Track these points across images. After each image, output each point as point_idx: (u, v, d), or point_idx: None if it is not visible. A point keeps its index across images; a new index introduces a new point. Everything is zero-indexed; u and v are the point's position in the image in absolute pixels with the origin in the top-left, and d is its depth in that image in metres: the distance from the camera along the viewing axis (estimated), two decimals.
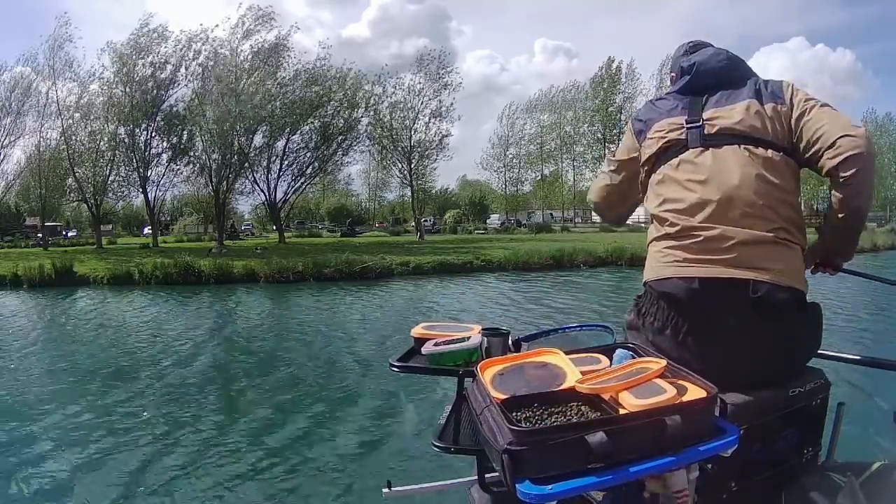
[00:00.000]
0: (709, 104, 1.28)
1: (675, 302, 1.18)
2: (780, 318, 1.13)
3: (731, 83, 1.29)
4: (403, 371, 1.27)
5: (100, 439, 4.59)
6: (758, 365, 1.13)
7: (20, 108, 27.87)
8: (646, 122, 1.36)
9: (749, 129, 1.21)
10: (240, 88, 27.59)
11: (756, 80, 1.29)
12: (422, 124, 33.67)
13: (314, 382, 6.33)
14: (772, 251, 1.14)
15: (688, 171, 1.23)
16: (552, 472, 0.76)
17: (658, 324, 1.20)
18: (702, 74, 1.32)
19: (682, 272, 1.17)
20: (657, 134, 1.31)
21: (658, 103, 1.38)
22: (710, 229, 1.16)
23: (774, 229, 1.15)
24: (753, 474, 1.12)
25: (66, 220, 44.38)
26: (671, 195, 1.24)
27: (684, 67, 1.36)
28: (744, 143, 1.20)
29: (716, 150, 1.21)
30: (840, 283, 13.58)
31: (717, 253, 1.14)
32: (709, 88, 1.30)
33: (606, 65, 42.75)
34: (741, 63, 1.35)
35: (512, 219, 47.97)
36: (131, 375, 6.70)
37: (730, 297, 1.12)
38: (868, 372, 1.44)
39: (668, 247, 1.21)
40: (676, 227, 1.21)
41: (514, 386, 0.93)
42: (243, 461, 4.15)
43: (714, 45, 1.43)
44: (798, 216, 1.21)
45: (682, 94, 1.34)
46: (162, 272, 17.67)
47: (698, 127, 1.25)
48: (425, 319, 1.63)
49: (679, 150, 1.26)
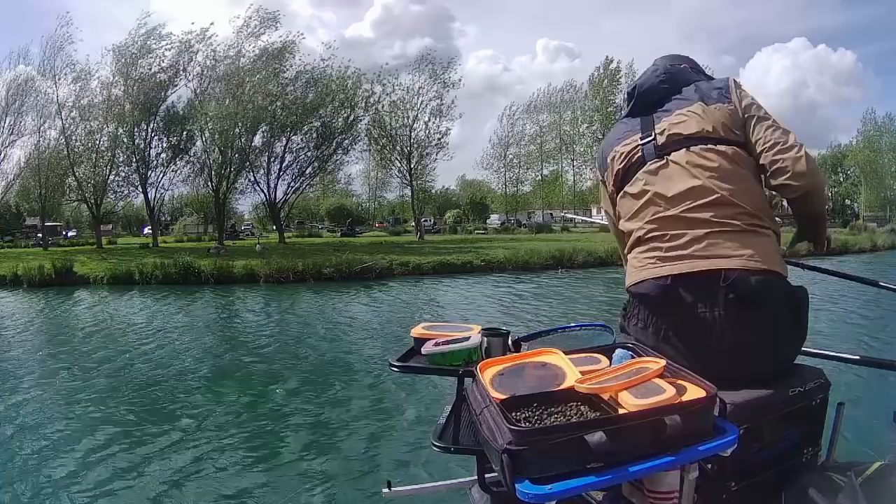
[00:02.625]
0: (658, 118, 1.32)
1: (653, 302, 1.22)
2: (758, 302, 1.14)
3: (675, 92, 1.34)
4: (403, 371, 1.27)
5: (99, 439, 4.59)
6: (743, 354, 1.14)
7: (20, 107, 27.92)
8: (603, 154, 1.43)
9: (699, 130, 1.25)
10: (242, 89, 27.61)
11: (698, 85, 1.33)
12: (422, 123, 33.70)
13: (314, 382, 6.33)
14: (739, 238, 1.17)
15: (649, 182, 1.28)
16: (551, 472, 0.76)
17: (641, 324, 1.24)
18: (643, 94, 1.37)
19: (655, 273, 1.21)
20: (617, 159, 1.36)
21: (610, 134, 1.45)
22: (676, 228, 1.21)
23: (739, 216, 1.19)
24: (753, 474, 1.12)
25: (66, 220, 44.34)
26: (636, 207, 1.30)
27: (628, 93, 1.42)
28: (695, 144, 1.25)
29: (670, 156, 1.26)
30: (841, 283, 13.55)
31: (686, 248, 1.19)
32: (654, 105, 1.35)
33: (605, 64, 42.72)
34: (681, 71, 1.39)
35: (512, 219, 47.97)
36: (131, 375, 6.70)
37: (703, 289, 1.15)
38: (868, 372, 1.45)
39: (641, 252, 1.27)
40: (645, 233, 1.26)
41: (513, 386, 0.93)
42: (242, 461, 4.15)
43: (678, 60, 1.45)
44: (764, 202, 1.25)
45: (634, 116, 1.39)
46: (162, 272, 17.68)
47: (651, 140, 1.30)
48: (425, 319, 1.62)
49: (638, 167, 1.31)
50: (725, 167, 1.22)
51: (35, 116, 28.15)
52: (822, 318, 8.64)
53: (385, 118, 33.44)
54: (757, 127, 1.25)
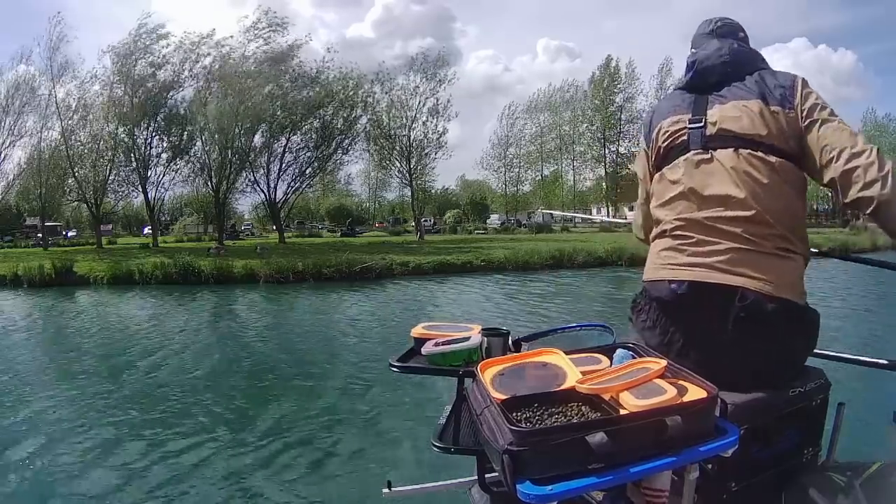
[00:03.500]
0: (712, 103, 1.24)
1: (665, 304, 1.19)
2: (767, 328, 1.11)
3: (736, 78, 1.25)
4: (403, 371, 1.26)
5: (100, 439, 4.59)
6: (746, 372, 1.12)
7: (20, 108, 27.88)
8: (650, 124, 1.36)
9: (752, 132, 1.17)
10: (244, 90, 27.60)
11: (763, 77, 1.23)
12: (419, 123, 33.68)
13: (313, 382, 6.33)
14: (765, 261, 1.13)
15: (688, 173, 1.22)
16: (552, 473, 0.76)
17: (649, 323, 1.23)
18: (703, 72, 1.28)
19: (674, 275, 1.18)
20: (662, 134, 1.30)
21: (662, 103, 1.37)
22: (705, 233, 1.17)
23: (771, 238, 1.14)
24: (753, 474, 1.12)
25: (66, 220, 44.34)
26: (670, 196, 1.25)
27: (688, 63, 1.33)
28: (745, 147, 1.17)
29: (716, 152, 1.19)
30: (839, 282, 13.59)
31: (710, 256, 1.15)
32: (712, 86, 1.27)
33: (605, 64, 42.70)
34: (748, 55, 1.30)
35: (512, 219, 47.96)
36: (131, 375, 6.70)
37: (717, 302, 1.12)
38: (868, 372, 1.44)
39: (665, 247, 1.23)
40: (673, 228, 1.22)
41: (514, 386, 0.93)
42: (241, 461, 4.15)
43: (736, 31, 1.36)
44: (799, 225, 1.19)
45: (687, 90, 1.32)
46: (162, 272, 17.68)
47: (700, 128, 1.23)
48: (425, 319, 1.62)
49: (681, 151, 1.25)
50: (770, 181, 1.14)
51: (35, 116, 28.20)
52: (822, 318, 8.61)
53: (384, 118, 33.41)
54: (820, 132, 1.14)
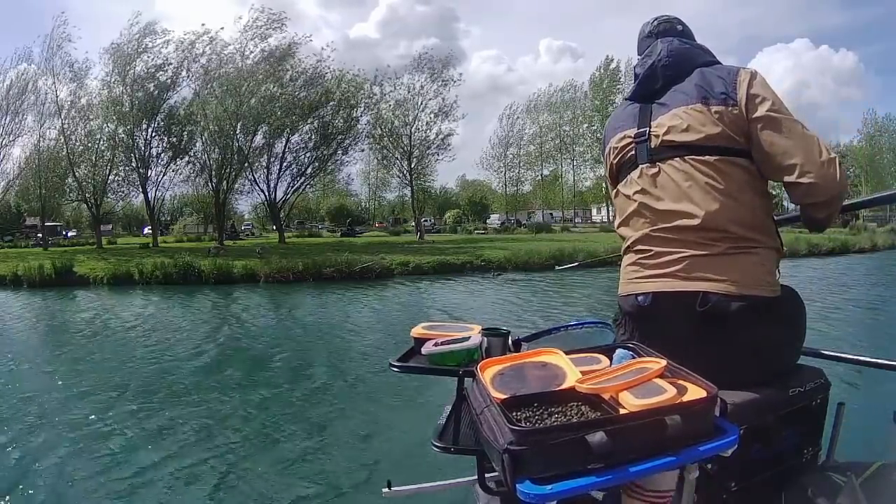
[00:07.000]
0: (655, 113, 1.24)
1: (635, 317, 1.24)
2: (736, 326, 1.11)
3: (677, 79, 1.24)
4: (403, 371, 1.26)
5: (99, 439, 4.59)
6: (723, 372, 1.07)
7: (19, 107, 27.90)
8: (604, 142, 1.39)
9: (695, 138, 1.17)
10: (243, 89, 27.59)
11: (704, 75, 1.21)
12: (423, 123, 33.54)
13: (314, 382, 6.33)
14: (724, 262, 1.13)
15: (638, 188, 1.25)
16: (552, 473, 0.76)
17: (626, 335, 1.26)
18: (645, 81, 1.29)
19: (639, 288, 1.22)
20: (612, 151, 1.33)
21: (611, 118, 1.40)
22: (662, 245, 1.20)
23: (728, 238, 1.14)
24: (753, 474, 1.12)
25: (66, 220, 44.39)
26: (629, 212, 1.28)
27: (634, 73, 1.35)
28: (691, 154, 1.17)
29: (663, 164, 1.21)
30: (840, 281, 13.59)
31: (669, 266, 1.18)
32: (656, 92, 1.27)
33: (605, 64, 42.69)
34: (687, 53, 1.27)
35: (512, 219, 47.96)
36: (131, 375, 6.70)
37: (681, 309, 1.14)
38: (868, 372, 1.44)
39: (629, 262, 1.28)
40: (634, 242, 1.26)
41: (514, 386, 0.93)
42: (241, 460, 4.15)
43: (674, 26, 1.34)
44: (760, 218, 1.17)
45: (635, 100, 1.32)
46: (162, 272, 17.69)
47: (644, 141, 1.24)
48: (425, 319, 1.62)
49: (631, 167, 1.28)
50: (721, 184, 1.14)
51: (35, 116, 28.20)
52: (822, 318, 8.63)
53: (388, 115, 33.25)
54: (765, 131, 1.12)
